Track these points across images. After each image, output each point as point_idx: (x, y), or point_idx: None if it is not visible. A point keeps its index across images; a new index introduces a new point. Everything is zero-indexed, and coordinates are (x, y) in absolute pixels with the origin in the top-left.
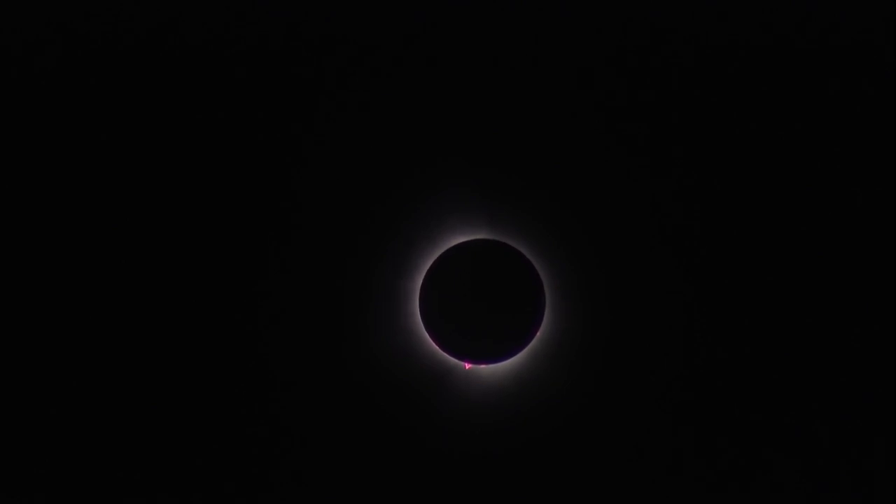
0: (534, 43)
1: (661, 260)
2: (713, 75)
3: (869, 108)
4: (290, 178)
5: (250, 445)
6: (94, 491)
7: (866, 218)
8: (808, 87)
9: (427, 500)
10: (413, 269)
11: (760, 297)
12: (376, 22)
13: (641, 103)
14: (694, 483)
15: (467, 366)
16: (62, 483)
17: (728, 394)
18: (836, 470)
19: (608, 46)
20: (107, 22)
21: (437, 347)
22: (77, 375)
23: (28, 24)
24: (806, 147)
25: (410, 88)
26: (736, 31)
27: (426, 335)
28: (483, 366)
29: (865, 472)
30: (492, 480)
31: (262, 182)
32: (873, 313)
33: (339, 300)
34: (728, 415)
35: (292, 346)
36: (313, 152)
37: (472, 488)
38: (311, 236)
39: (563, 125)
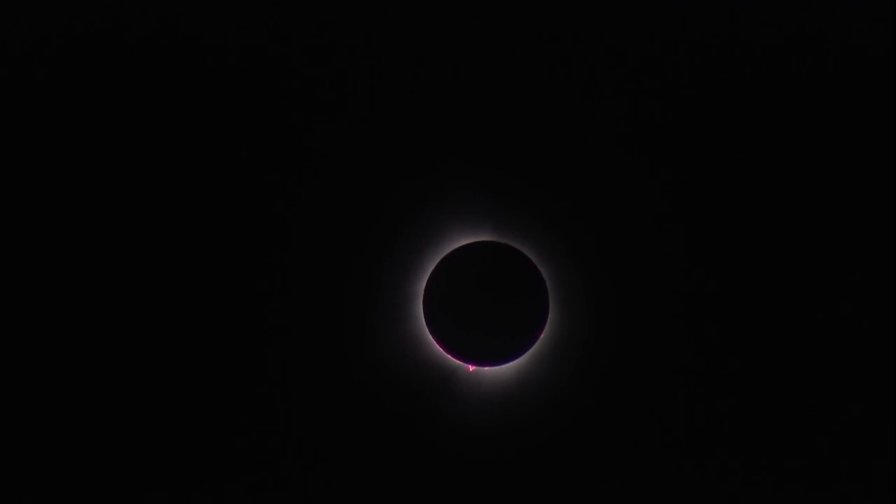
0: (540, 47)
1: (664, 263)
2: (716, 79)
3: (869, 108)
4: (294, 182)
5: (255, 447)
6: (94, 491)
7: (866, 218)
8: (808, 87)
9: (431, 501)
10: (417, 272)
11: (763, 297)
12: (381, 25)
13: (644, 107)
14: (696, 483)
15: (471, 368)
16: (63, 483)
17: (729, 395)
18: (835, 470)
19: (613, 50)
20: (108, 23)
21: (440, 350)
22: (80, 376)
23: (28, 24)
24: (809, 150)
25: (414, 92)
26: (741, 35)
27: (430, 337)
28: (486, 368)
29: (865, 472)
30: (494, 480)
31: (266, 186)
32: (874, 314)
33: (344, 303)
34: (729, 415)
35: (297, 349)
36: (317, 156)
37: (476, 488)
38: (315, 240)
39: (567, 129)
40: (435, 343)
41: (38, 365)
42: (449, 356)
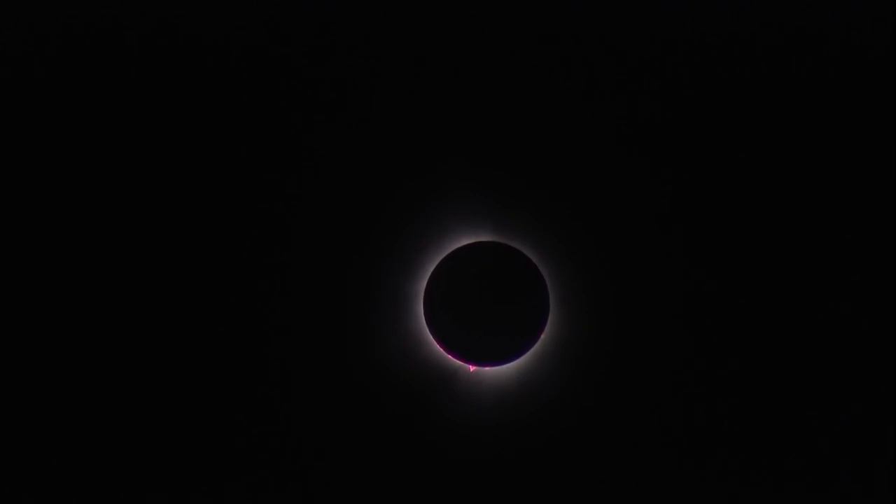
0: (540, 47)
1: (664, 263)
2: (716, 79)
3: (869, 108)
4: (294, 182)
5: (255, 447)
6: (94, 491)
7: (866, 218)
8: (808, 87)
9: (431, 501)
10: (417, 272)
11: (763, 297)
12: (381, 25)
13: (644, 107)
14: (696, 483)
15: (471, 368)
16: (63, 483)
17: (729, 395)
18: (835, 470)
19: (613, 50)
20: (108, 23)
21: (441, 350)
22: (80, 376)
23: (28, 24)
24: (809, 150)
25: (414, 92)
26: (741, 35)
27: (430, 337)
28: (487, 368)
29: (865, 472)
30: (494, 480)
31: (266, 186)
32: (874, 314)
33: (344, 303)
34: (729, 415)
35: (297, 349)
36: (317, 156)
37: (476, 488)
38: (315, 240)
39: (567, 129)
40: (435, 343)
41: (39, 365)
42: (449, 356)
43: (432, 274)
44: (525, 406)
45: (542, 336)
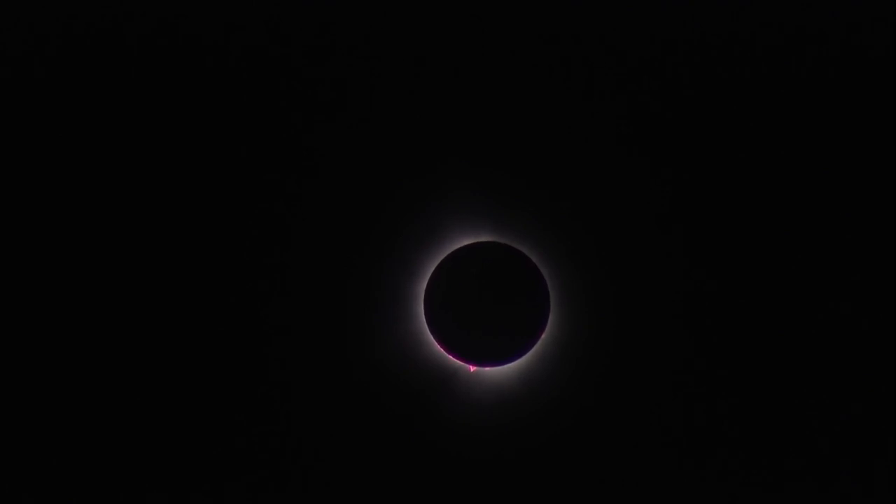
0: (540, 47)
1: (664, 263)
2: (716, 79)
3: (869, 108)
4: (294, 182)
5: (255, 447)
6: (94, 491)
7: (866, 218)
8: (808, 87)
9: (431, 501)
10: (417, 272)
11: (763, 297)
12: (381, 25)
13: (644, 107)
14: (696, 483)
15: (472, 368)
16: (63, 483)
17: (729, 395)
18: (835, 470)
19: (613, 50)
20: (108, 23)
21: (441, 350)
22: (80, 376)
23: (28, 24)
24: (809, 150)
25: (414, 92)
26: (741, 35)
27: (430, 338)
28: (487, 368)
29: (865, 472)
30: (494, 480)
31: (266, 186)
32: (874, 314)
33: (344, 303)
34: (729, 415)
35: (297, 349)
36: (317, 156)
37: (476, 488)
38: (315, 240)
39: (567, 129)
40: (435, 343)
41: (39, 365)
42: (449, 356)
43: (432, 274)
44: (525, 406)
45: (543, 336)
